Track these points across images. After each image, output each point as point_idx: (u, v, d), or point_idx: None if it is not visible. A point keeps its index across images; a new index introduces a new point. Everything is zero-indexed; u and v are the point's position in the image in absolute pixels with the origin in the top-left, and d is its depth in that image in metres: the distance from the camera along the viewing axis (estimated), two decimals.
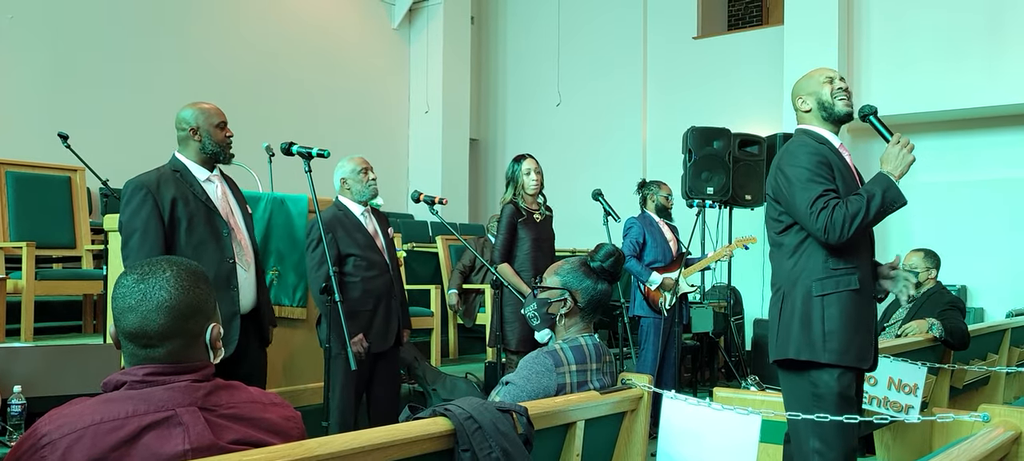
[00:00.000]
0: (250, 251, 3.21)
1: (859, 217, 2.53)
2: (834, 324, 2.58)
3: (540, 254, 4.34)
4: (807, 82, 2.84)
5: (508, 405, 1.87)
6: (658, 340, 5.22)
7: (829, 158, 2.68)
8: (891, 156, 2.62)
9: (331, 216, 3.79)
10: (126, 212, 2.97)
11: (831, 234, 2.55)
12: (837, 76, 2.83)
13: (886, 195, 2.56)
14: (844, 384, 2.59)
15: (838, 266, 2.62)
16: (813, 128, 2.79)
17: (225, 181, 3.24)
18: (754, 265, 8.16)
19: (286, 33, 9.22)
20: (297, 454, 1.41)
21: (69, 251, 5.46)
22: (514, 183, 4.44)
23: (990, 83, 7.32)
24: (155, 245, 2.91)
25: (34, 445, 1.36)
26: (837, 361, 2.58)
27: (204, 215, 3.04)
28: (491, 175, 11.50)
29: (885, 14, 8.01)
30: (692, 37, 9.98)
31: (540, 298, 2.48)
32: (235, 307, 3.06)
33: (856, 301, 2.62)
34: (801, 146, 2.71)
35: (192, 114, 3.13)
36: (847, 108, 2.77)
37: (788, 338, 2.65)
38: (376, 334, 3.81)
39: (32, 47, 7.06)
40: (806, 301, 2.62)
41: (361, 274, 3.77)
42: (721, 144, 7.55)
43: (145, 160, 3.22)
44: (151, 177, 3.02)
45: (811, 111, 2.80)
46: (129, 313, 1.46)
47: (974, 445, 1.67)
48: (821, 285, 2.62)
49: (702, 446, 2.28)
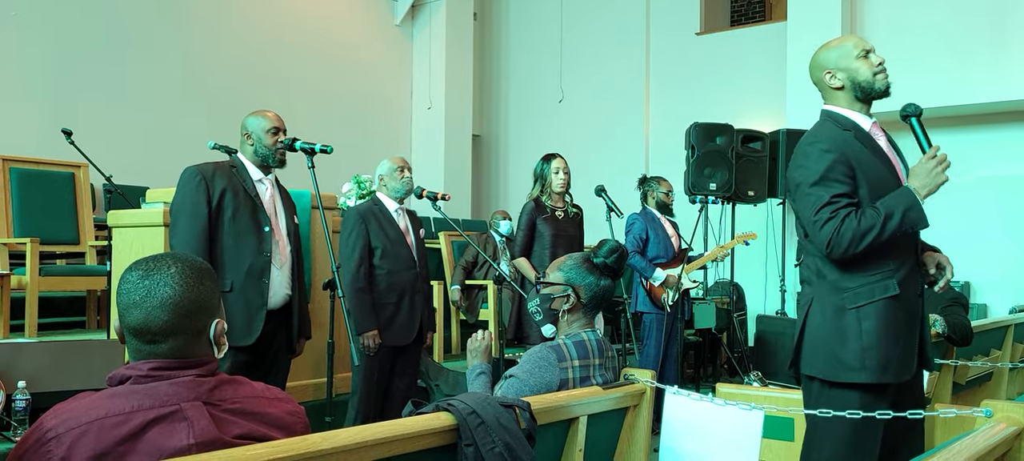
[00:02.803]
0: (287, 252, 3.35)
1: (871, 235, 2.25)
2: (871, 340, 2.30)
3: (559, 251, 4.38)
4: (836, 54, 2.48)
5: (511, 400, 1.88)
6: (660, 336, 5.22)
7: (850, 153, 2.36)
8: (922, 171, 2.32)
9: (366, 209, 3.97)
10: (178, 194, 3.19)
11: (835, 248, 2.28)
12: (871, 47, 2.48)
13: (907, 215, 2.27)
14: (866, 402, 2.32)
15: (875, 272, 2.33)
16: (841, 110, 2.47)
17: (277, 187, 3.44)
18: (757, 261, 8.17)
19: (289, 29, 9.22)
20: (301, 449, 1.41)
21: (73, 247, 5.47)
22: (542, 180, 4.63)
23: (994, 79, 7.30)
24: (202, 227, 3.12)
25: (39, 439, 1.37)
26: (875, 379, 2.31)
27: (249, 209, 3.23)
28: (493, 171, 11.50)
29: (888, 10, 7.99)
30: (695, 33, 9.96)
31: (543, 293, 2.48)
32: (263, 299, 3.20)
33: (894, 309, 2.33)
34: (817, 140, 2.41)
35: (251, 120, 3.38)
36: (887, 82, 2.44)
37: (817, 355, 2.39)
38: (398, 328, 3.88)
39: (36, 43, 7.06)
40: (839, 316, 2.35)
41: (388, 266, 3.88)
42: (724, 140, 7.56)
43: (149, 156, 3.26)
44: (208, 167, 3.25)
45: (843, 89, 2.46)
46: (134, 309, 1.46)
47: (976, 440, 1.67)
48: (854, 296, 2.33)
49: (705, 441, 2.28)
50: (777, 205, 8.13)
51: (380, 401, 3.87)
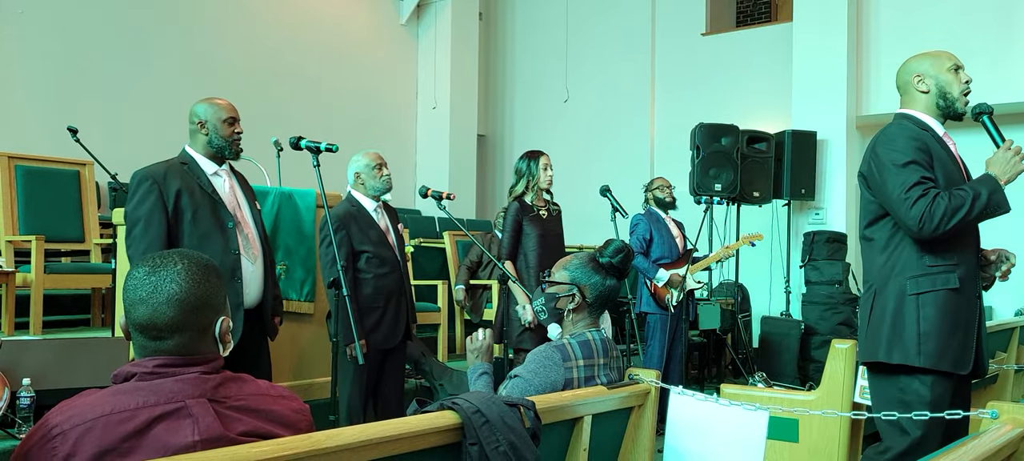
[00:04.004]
0: (258, 245, 3.21)
1: (962, 212, 2.35)
2: (929, 326, 2.40)
3: (546, 250, 4.34)
4: (930, 64, 2.61)
5: (515, 399, 1.87)
6: (664, 336, 5.22)
7: (930, 146, 2.49)
8: (1000, 160, 2.46)
9: (344, 212, 3.77)
10: (131, 202, 3.00)
11: (927, 225, 2.36)
12: (962, 66, 2.62)
13: (992, 196, 2.39)
14: (937, 393, 2.40)
15: (936, 263, 2.44)
16: (917, 114, 2.59)
17: (234, 176, 3.25)
18: (762, 262, 8.15)
19: (295, 28, 9.23)
20: (305, 447, 1.41)
21: (78, 245, 5.48)
22: (529, 178, 4.45)
23: (999, 81, 7.28)
24: (158, 236, 2.94)
25: (45, 436, 1.37)
26: (932, 365, 2.39)
27: (209, 207, 3.06)
28: (498, 171, 11.50)
29: (894, 11, 7.97)
30: (700, 33, 9.95)
31: (548, 293, 2.48)
32: (238, 299, 3.06)
33: (955, 301, 2.43)
34: (901, 129, 2.52)
35: (202, 108, 3.15)
36: (967, 108, 2.59)
37: (878, 339, 2.48)
38: (385, 331, 3.81)
39: (42, 41, 7.08)
40: (899, 300, 2.45)
41: (373, 271, 3.77)
42: (729, 141, 7.54)
43: (154, 154, 3.24)
44: (158, 169, 3.04)
45: (928, 94, 2.58)
46: (140, 305, 1.46)
47: (982, 442, 1.66)
48: (916, 283, 2.44)
49: (709, 441, 2.28)
50: (782, 206, 8.12)
51: (368, 404, 3.83)
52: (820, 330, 6.89)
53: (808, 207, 8.15)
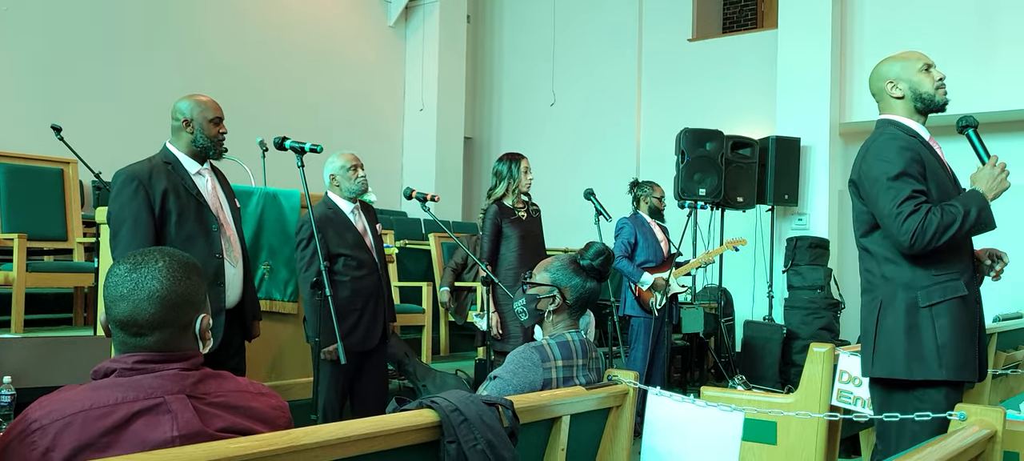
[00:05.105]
0: (238, 247, 3.20)
1: (953, 229, 2.34)
2: (946, 337, 2.38)
3: (527, 251, 4.37)
4: (900, 66, 2.60)
5: (494, 398, 1.90)
6: (648, 340, 5.25)
7: (921, 154, 2.47)
8: (985, 177, 2.45)
9: (321, 214, 3.75)
10: (116, 203, 2.95)
11: (919, 240, 2.33)
12: (932, 62, 2.61)
13: (981, 213, 2.38)
14: (951, 400, 2.37)
15: (942, 272, 2.42)
16: (900, 119, 2.57)
17: (215, 175, 3.23)
18: (745, 267, 8.20)
19: (282, 28, 9.22)
20: (284, 443, 1.42)
21: (60, 243, 5.45)
22: (509, 180, 4.48)
23: (982, 89, 7.36)
24: (145, 237, 2.89)
25: (24, 431, 1.38)
26: (954, 377, 2.38)
27: (194, 209, 3.02)
28: (485, 173, 11.50)
29: (878, 20, 8.04)
30: (687, 39, 10.00)
31: (529, 294, 2.50)
32: (221, 304, 3.04)
33: (963, 309, 2.43)
34: (891, 139, 2.49)
35: (187, 106, 3.11)
36: (947, 98, 2.58)
37: (894, 356, 2.44)
38: (362, 334, 3.80)
39: (26, 38, 7.05)
40: (912, 313, 2.41)
41: (350, 274, 3.76)
42: (714, 146, 7.59)
43: (138, 153, 3.22)
44: (142, 168, 2.99)
45: (904, 99, 2.57)
46: (120, 302, 1.48)
47: (948, 443, 1.69)
48: (927, 294, 2.41)
49: (686, 441, 2.31)
50: (766, 212, 8.18)
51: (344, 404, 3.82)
52: (802, 334, 6.95)
53: (791, 213, 8.21)
